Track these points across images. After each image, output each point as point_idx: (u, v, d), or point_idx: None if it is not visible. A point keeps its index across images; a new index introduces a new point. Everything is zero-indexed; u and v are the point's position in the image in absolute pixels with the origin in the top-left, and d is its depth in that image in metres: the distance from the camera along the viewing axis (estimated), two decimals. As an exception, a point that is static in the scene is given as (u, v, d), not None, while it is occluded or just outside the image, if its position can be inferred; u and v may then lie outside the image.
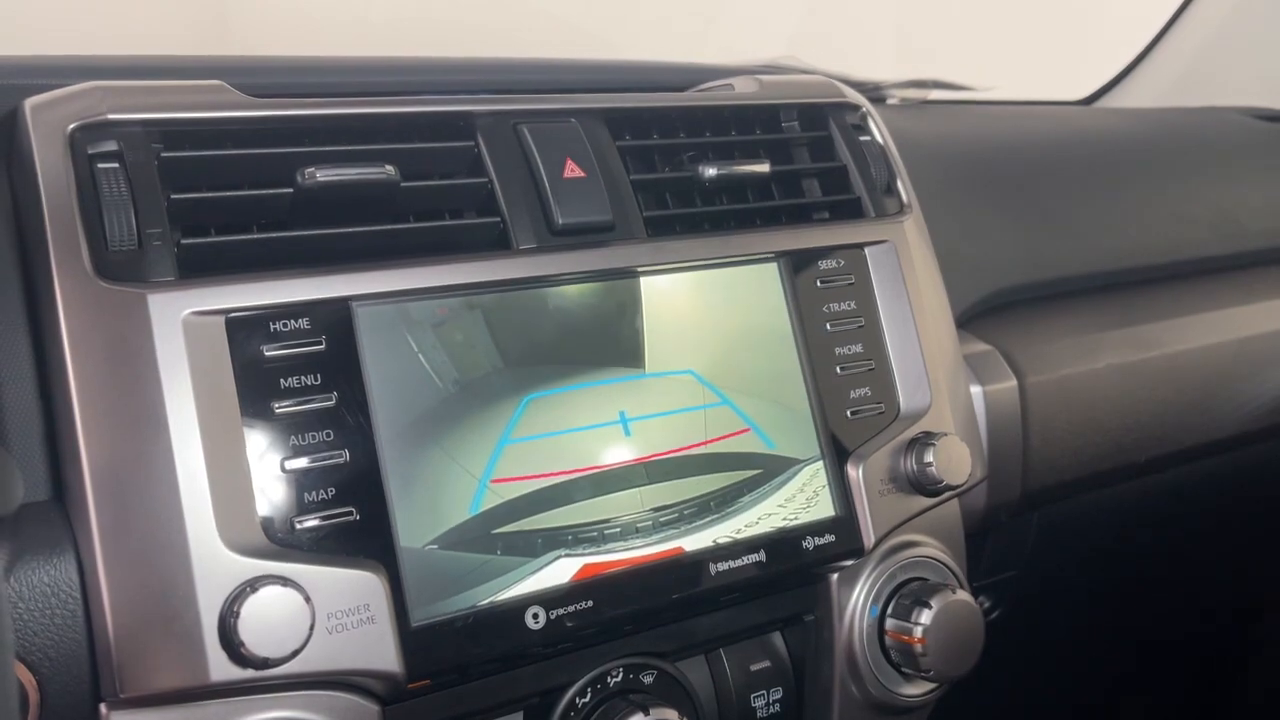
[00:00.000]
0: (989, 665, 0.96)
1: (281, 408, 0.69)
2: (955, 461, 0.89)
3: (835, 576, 0.91)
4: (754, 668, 0.93)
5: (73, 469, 0.67)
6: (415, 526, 0.72)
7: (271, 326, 0.70)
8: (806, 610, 0.93)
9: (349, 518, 0.70)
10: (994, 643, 0.93)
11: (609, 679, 0.84)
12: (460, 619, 0.72)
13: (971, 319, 1.09)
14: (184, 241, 0.70)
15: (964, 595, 0.91)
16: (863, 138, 0.99)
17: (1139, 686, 1.59)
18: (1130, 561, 1.23)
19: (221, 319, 0.68)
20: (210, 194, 0.72)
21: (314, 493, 0.69)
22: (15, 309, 0.73)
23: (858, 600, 0.92)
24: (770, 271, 0.89)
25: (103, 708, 0.66)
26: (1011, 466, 1.02)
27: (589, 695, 0.83)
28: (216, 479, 0.66)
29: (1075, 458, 1.06)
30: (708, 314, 0.86)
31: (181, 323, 0.67)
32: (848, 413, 0.90)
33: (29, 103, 0.72)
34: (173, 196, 0.70)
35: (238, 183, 0.73)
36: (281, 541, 0.68)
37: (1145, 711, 1.72)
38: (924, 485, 0.89)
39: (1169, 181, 1.34)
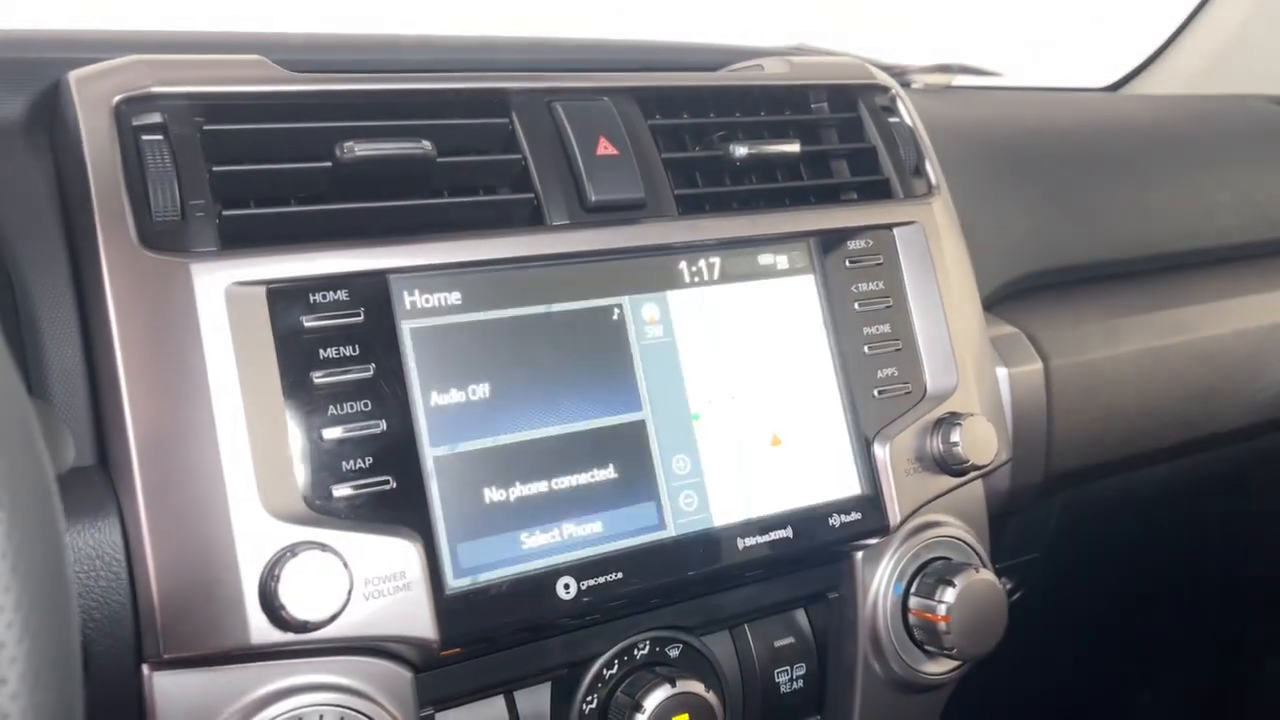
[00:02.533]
0: (1008, 646, 0.97)
1: (320, 378, 0.70)
2: (981, 441, 0.90)
3: (860, 555, 0.92)
4: (778, 644, 0.94)
5: (117, 435, 0.68)
6: (451, 496, 0.73)
7: (311, 298, 0.71)
8: (830, 588, 0.94)
9: (386, 486, 0.71)
10: (1014, 624, 0.93)
11: (636, 651, 0.85)
12: (494, 587, 0.73)
13: (997, 302, 1.10)
14: (225, 213, 0.71)
15: (988, 574, 0.92)
16: (892, 119, 1.00)
17: (1157, 672, 1.60)
18: (1152, 547, 1.24)
19: (263, 289, 0.69)
20: (251, 167, 0.73)
21: (351, 462, 0.70)
22: (61, 279, 0.74)
23: (882, 578, 0.93)
24: (799, 251, 0.90)
25: (145, 669, 0.68)
26: (1035, 449, 1.03)
27: (616, 667, 0.85)
28: (258, 446, 0.67)
29: (1098, 442, 1.07)
30: (738, 295, 0.86)
31: (224, 292, 0.68)
32: (875, 392, 0.90)
33: (73, 75, 0.74)
34: (214, 169, 0.71)
35: (277, 156, 0.74)
36: (320, 509, 0.69)
37: (1163, 696, 1.72)
38: (950, 465, 0.90)
39: (1195, 169, 1.33)
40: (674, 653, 0.87)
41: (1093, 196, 1.22)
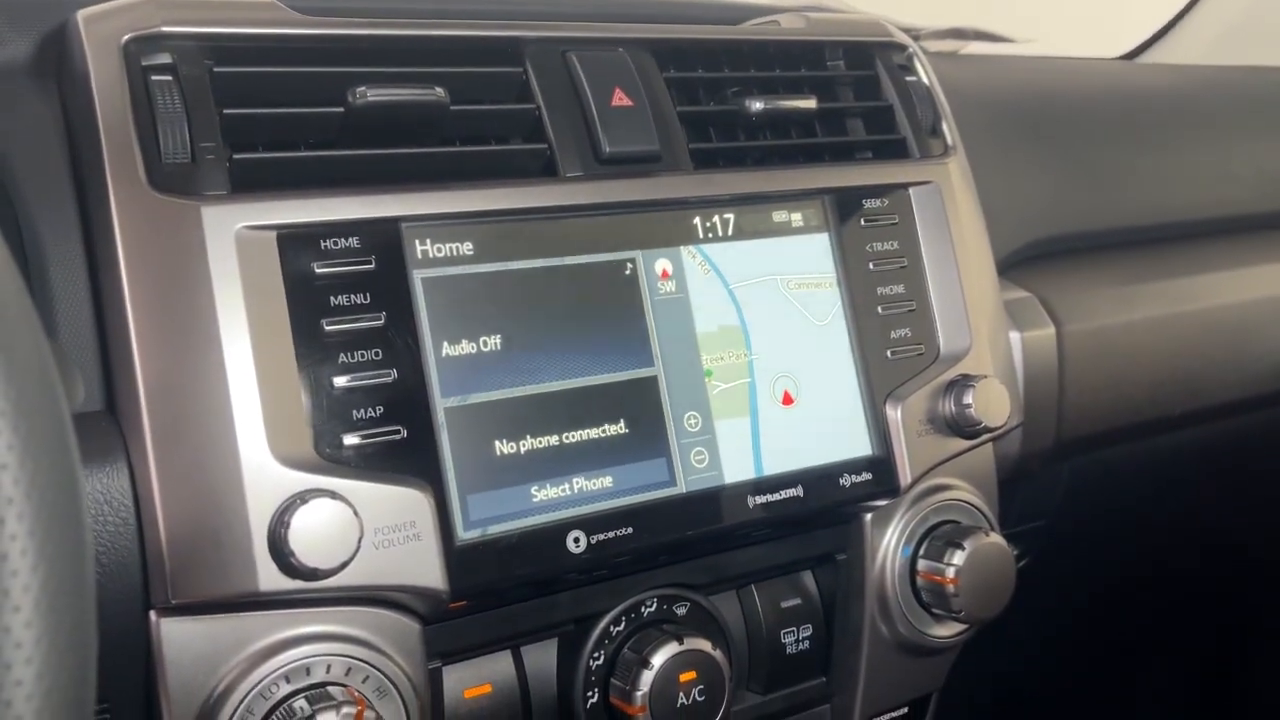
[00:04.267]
0: (1014, 612, 0.96)
1: (331, 325, 0.69)
2: (994, 404, 0.89)
3: (869, 516, 0.92)
4: (785, 604, 0.94)
5: (126, 380, 0.68)
6: (462, 447, 0.72)
7: (322, 244, 0.70)
8: (839, 549, 0.93)
9: (396, 436, 0.70)
10: (1018, 591, 0.93)
11: (643, 609, 0.85)
12: (504, 539, 0.73)
13: (1010, 267, 1.09)
14: (236, 156, 0.70)
15: (996, 538, 0.92)
16: (909, 78, 0.98)
17: (1162, 642, 1.60)
18: (1160, 516, 1.23)
19: (273, 234, 0.68)
20: (262, 110, 0.72)
21: (362, 410, 0.70)
22: (69, 222, 0.73)
23: (890, 541, 0.93)
24: (814, 209, 0.89)
25: (152, 615, 0.67)
26: (1046, 414, 1.02)
27: (623, 624, 0.84)
28: (267, 393, 0.67)
29: (1109, 409, 1.06)
30: (751, 251, 0.85)
31: (234, 236, 0.67)
32: (888, 353, 0.90)
33: (81, 15, 0.72)
34: (225, 111, 0.70)
35: (289, 100, 0.73)
36: (330, 457, 0.68)
37: (1167, 667, 1.73)
38: (962, 427, 0.89)
39: (1211, 138, 1.32)
40: (681, 611, 0.87)
41: (1108, 164, 1.21)
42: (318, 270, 0.69)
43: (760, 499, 0.82)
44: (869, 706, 0.97)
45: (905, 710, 1.00)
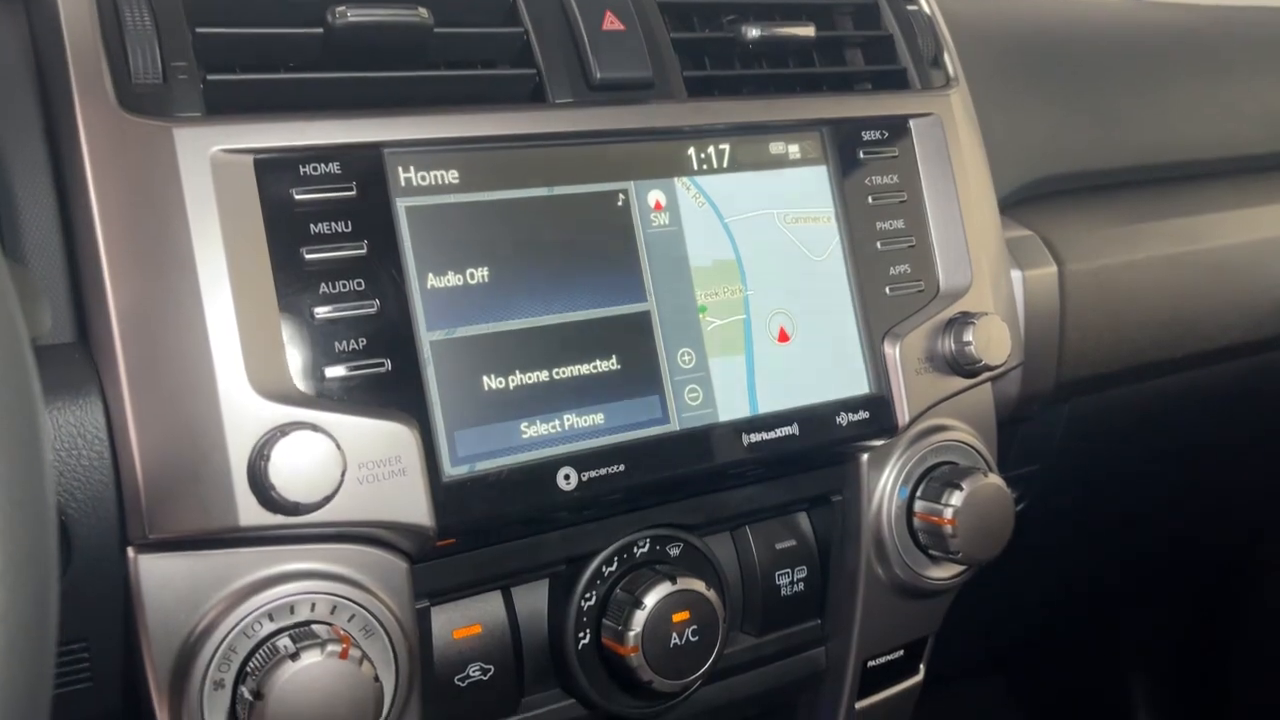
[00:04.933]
0: (1010, 556, 0.95)
1: (311, 254, 0.67)
2: (995, 341, 0.87)
3: (865, 457, 0.90)
4: (779, 546, 0.92)
5: (98, 309, 0.65)
6: (449, 382, 0.70)
7: (301, 170, 0.67)
8: (834, 490, 0.92)
9: (380, 369, 0.68)
10: (1016, 534, 0.92)
11: (635, 549, 0.83)
12: (492, 476, 0.71)
13: (1011, 205, 1.06)
14: (210, 78, 0.67)
15: (995, 478, 0.90)
16: (910, 7, 0.95)
17: (1159, 586, 1.59)
18: (1159, 460, 1.22)
19: (250, 159, 0.66)
20: (236, 30, 0.69)
21: (344, 343, 0.67)
22: (37, 149, 0.70)
23: (887, 482, 0.91)
24: (812, 140, 0.86)
25: (130, 552, 0.65)
26: (1047, 355, 1.00)
27: (615, 564, 0.83)
28: (245, 323, 0.64)
29: (1110, 350, 1.04)
30: (747, 184, 0.83)
31: (209, 159, 0.64)
32: (886, 289, 0.87)
33: (46, -71, 0.69)
34: (198, 30, 0.67)
35: (265, 20, 0.70)
36: (312, 390, 0.66)
37: (1163, 610, 1.73)
38: (961, 365, 0.87)
39: (1219, 78, 1.29)
40: (674, 551, 0.85)
41: (1114, 102, 1.18)
42: (297, 197, 0.67)
43: (755, 437, 0.80)
44: (864, 649, 0.96)
45: (901, 653, 0.99)
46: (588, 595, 0.82)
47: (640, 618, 0.79)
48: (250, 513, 0.63)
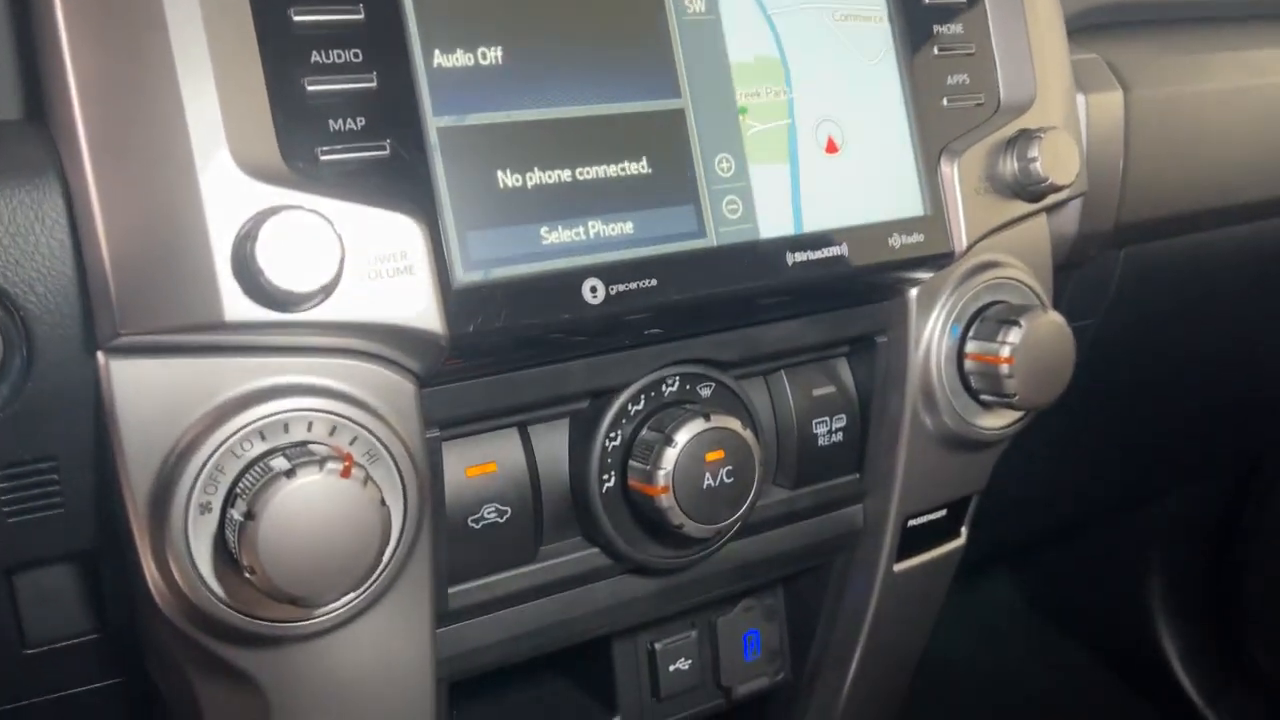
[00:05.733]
0: (1045, 418, 0.88)
1: (301, 15, 0.58)
2: (1063, 159, 0.78)
3: (914, 293, 0.82)
4: (817, 393, 0.85)
5: (55, 77, 0.56)
6: (459, 175, 0.62)
7: (287, -84, 0.58)
8: (879, 330, 0.84)
9: (380, 153, 0.59)
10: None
11: (664, 387, 0.76)
12: (511, 284, 0.63)
13: (1073, 31, 0.97)
14: None
15: (1055, 315, 0.82)
16: None
17: (1190, 467, 1.53)
18: (1210, 325, 1.14)
19: (228, -101, 0.56)
20: None
21: (340, 121, 0.59)
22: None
23: (936, 321, 0.84)
24: (863, -70, 0.76)
25: (100, 356, 0.57)
26: (1108, 189, 0.92)
27: (642, 403, 0.75)
28: (226, 90, 0.55)
29: (1173, 189, 0.96)
30: (790, -24, 0.73)
31: (178, -108, 0.55)
32: (944, 101, 0.79)
33: None
34: None
35: None
36: (304, 173, 0.58)
37: (1189, 499, 1.68)
38: (1025, 185, 0.79)
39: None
40: (705, 391, 0.78)
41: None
42: (283, -52, 0.57)
43: (800, 256, 0.72)
44: (905, 507, 0.89)
45: (944, 513, 0.93)
46: (612, 434, 0.74)
47: (671, 455, 0.72)
48: (237, 305, 0.55)
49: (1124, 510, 1.70)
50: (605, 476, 0.74)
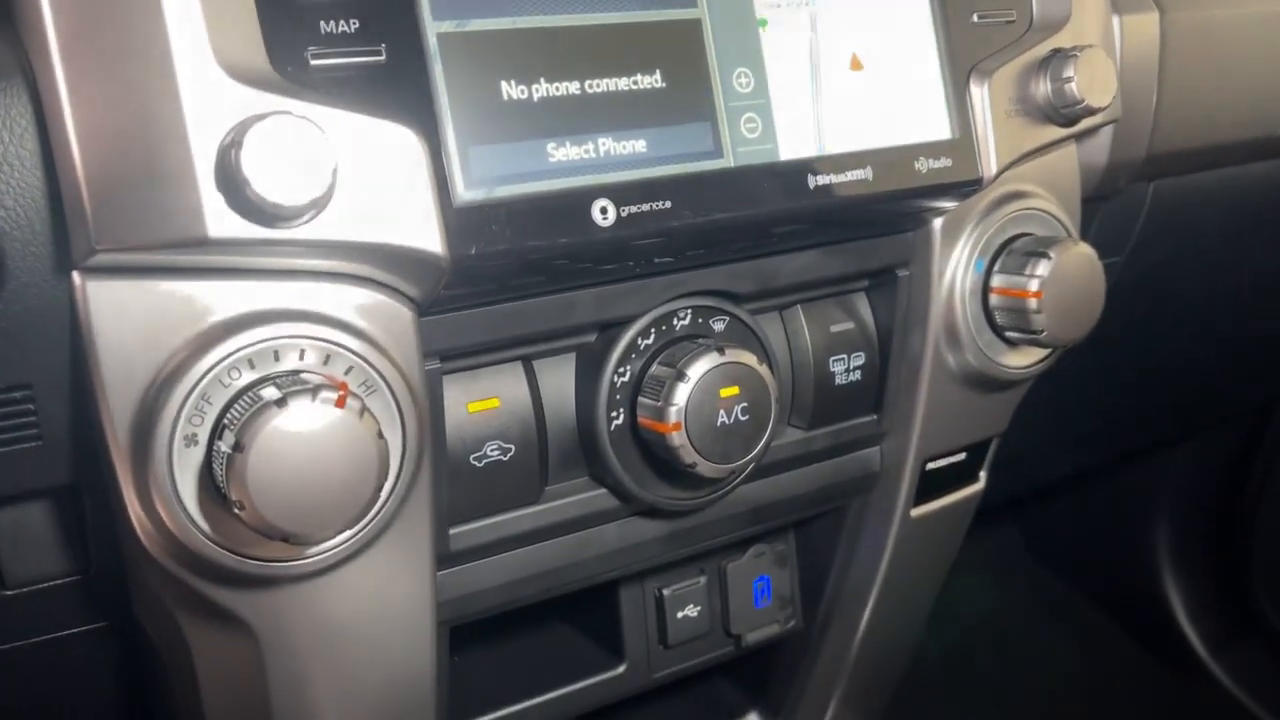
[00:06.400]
0: (1069, 358, 0.85)
1: (287, -97, 0.53)
2: (1099, 79, 0.74)
3: (938, 224, 0.78)
4: (834, 329, 0.81)
5: (20, -28, 0.52)
6: (460, 85, 0.57)
7: None
8: (900, 263, 0.80)
9: (376, 59, 0.55)
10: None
11: (675, 321, 0.72)
12: (516, 203, 0.58)
13: (1103, -50, 0.92)
14: None
15: (1086, 247, 0.78)
16: None
17: (1205, 417, 1.50)
18: (1240, 259, 1.10)
19: None
20: None
21: (331, 23, 0.54)
22: None
23: (961, 254, 0.80)
24: None
25: (76, 277, 0.53)
26: (1141, 116, 0.87)
27: (652, 337, 0.71)
28: (206, -15, 0.51)
29: (1208, 118, 0.92)
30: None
31: None
32: (974, 17, 0.74)
33: None
34: None
35: None
36: (293, 78, 0.53)
37: (1201, 449, 1.65)
38: (1059, 107, 0.75)
39: None
40: (719, 325, 0.74)
41: None
42: None
43: (822, 180, 0.68)
44: (924, 449, 0.86)
45: (963, 455, 0.89)
46: (621, 370, 0.71)
47: (683, 391, 0.68)
48: (221, 220, 0.51)
49: (1133, 460, 1.66)
50: (614, 414, 0.71)
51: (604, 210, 0.61)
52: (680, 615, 0.88)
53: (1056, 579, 1.91)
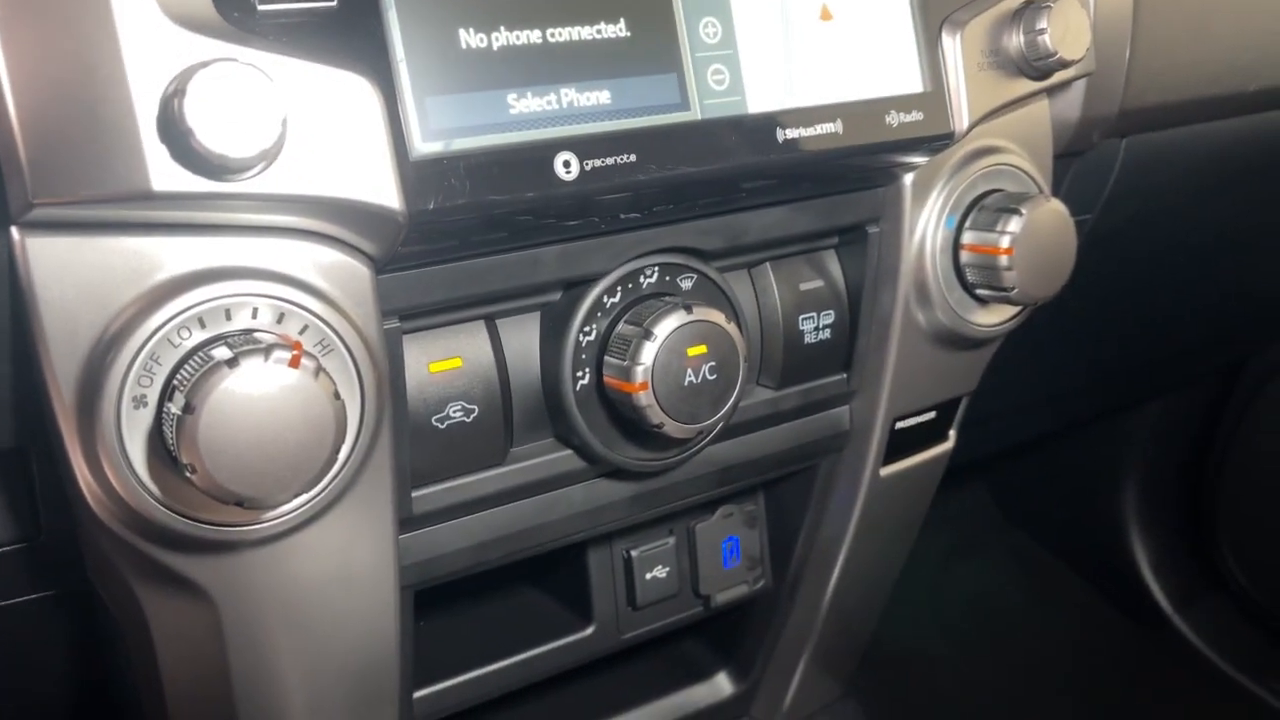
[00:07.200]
0: (1038, 315, 0.84)
1: None
2: (1073, 31, 0.73)
3: (909, 179, 0.77)
4: (804, 287, 0.80)
5: (-55, -93, 0.49)
6: (416, 33, 0.55)
7: None
8: (871, 219, 0.79)
9: (327, 4, 0.53)
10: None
11: (642, 279, 0.71)
12: (475, 155, 0.57)
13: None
14: None
15: (1057, 203, 0.78)
16: None
17: (1174, 376, 1.51)
18: (1212, 215, 1.10)
19: None
20: None
21: (280, -34, 0.52)
22: None
23: (932, 211, 0.79)
24: None
25: (14, 232, 0.51)
26: (1114, 70, 0.86)
27: (619, 295, 0.70)
28: (146, -76, 0.48)
29: (1182, 74, 0.91)
30: None
31: None
32: (946, -34, 0.72)
33: None
34: None
35: None
36: (240, 24, 0.51)
37: (1169, 410, 1.66)
38: (1032, 60, 0.73)
39: None
40: (686, 283, 0.73)
41: None
42: None
43: (791, 133, 0.66)
44: (894, 407, 0.85)
45: (933, 414, 0.89)
46: (587, 329, 0.69)
47: (650, 350, 0.67)
48: (165, 173, 0.49)
49: (1102, 419, 1.67)
50: (579, 373, 0.69)
51: (567, 164, 0.59)
52: (649, 576, 0.88)
53: (1025, 536, 1.93)
